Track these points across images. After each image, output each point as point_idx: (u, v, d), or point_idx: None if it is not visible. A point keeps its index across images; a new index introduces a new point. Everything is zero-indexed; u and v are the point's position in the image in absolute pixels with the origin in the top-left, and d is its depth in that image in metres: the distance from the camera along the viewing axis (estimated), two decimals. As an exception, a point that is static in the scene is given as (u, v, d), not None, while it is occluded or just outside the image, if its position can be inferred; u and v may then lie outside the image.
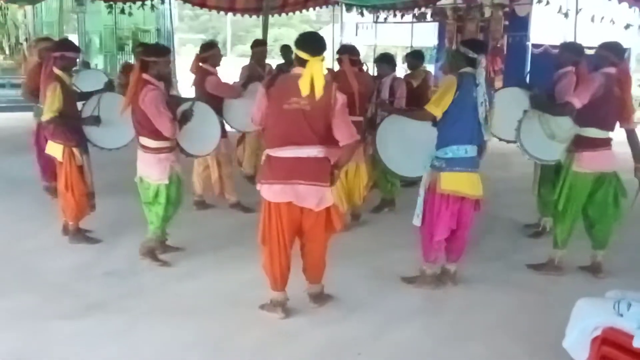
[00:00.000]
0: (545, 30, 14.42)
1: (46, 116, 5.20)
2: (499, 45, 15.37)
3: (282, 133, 3.87)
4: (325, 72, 3.95)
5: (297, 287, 4.20)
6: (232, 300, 4.39)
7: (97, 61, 18.07)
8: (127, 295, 4.47)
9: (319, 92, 3.72)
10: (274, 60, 9.33)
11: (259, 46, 8.30)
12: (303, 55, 3.82)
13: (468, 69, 4.42)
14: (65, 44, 5.63)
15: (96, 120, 5.32)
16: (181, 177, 5.04)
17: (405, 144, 5.16)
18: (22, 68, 15.39)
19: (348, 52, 6.08)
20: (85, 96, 5.60)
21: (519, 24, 14.75)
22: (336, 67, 6.34)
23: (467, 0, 14.83)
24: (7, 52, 17.10)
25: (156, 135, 4.75)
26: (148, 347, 3.74)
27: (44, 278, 4.72)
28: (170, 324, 4.01)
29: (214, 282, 4.72)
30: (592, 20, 12.04)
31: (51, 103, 5.15)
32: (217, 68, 6.49)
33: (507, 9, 14.70)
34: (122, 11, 12.69)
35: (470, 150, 4.41)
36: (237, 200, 6.75)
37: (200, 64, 6.42)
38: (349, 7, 14.70)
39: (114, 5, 12.46)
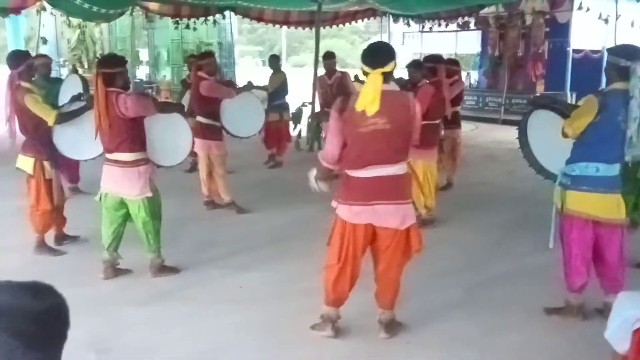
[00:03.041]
0: (586, 35, 14.07)
1: (51, 121, 4.82)
2: (540, 51, 15.10)
3: (360, 156, 3.44)
4: (392, 86, 3.49)
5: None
6: (284, 289, 4.47)
7: (165, 73, 18.54)
8: (190, 285, 4.61)
9: (372, 108, 3.31)
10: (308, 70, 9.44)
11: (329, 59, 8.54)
12: (365, 68, 3.43)
13: (618, 85, 3.66)
14: (18, 56, 5.08)
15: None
16: (158, 190, 4.72)
17: (552, 138, 4.04)
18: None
19: (444, 62, 6.32)
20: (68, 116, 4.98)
21: (560, 31, 14.48)
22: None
23: (509, 8, 14.61)
24: (86, 65, 17.73)
25: (132, 147, 4.46)
26: (208, 330, 3.87)
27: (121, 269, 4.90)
28: (227, 311, 4.13)
29: (268, 274, 4.82)
30: (632, 25, 11.72)
31: (42, 109, 4.82)
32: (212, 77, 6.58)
33: (547, 16, 14.45)
34: (187, 26, 13.00)
35: (604, 169, 3.73)
36: (232, 200, 6.67)
37: (198, 72, 6.49)
38: (395, 18, 14.67)
39: (179, 21, 12.79)
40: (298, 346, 3.68)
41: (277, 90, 9.07)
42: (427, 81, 5.98)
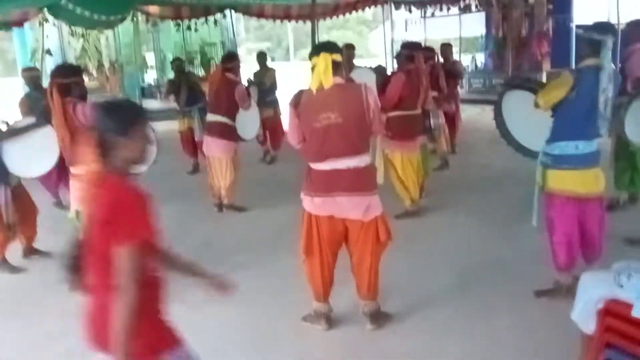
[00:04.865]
0: (589, 10, 13.85)
1: None
2: (544, 29, 14.89)
3: (317, 149, 3.49)
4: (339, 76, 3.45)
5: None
6: (278, 286, 4.51)
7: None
8: (187, 285, 4.64)
9: (327, 82, 3.35)
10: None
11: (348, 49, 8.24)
12: (312, 61, 3.47)
13: (591, 62, 3.65)
14: None
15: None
16: None
17: (529, 116, 4.08)
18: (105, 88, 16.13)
19: (420, 49, 6.05)
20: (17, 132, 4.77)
21: (562, 6, 14.33)
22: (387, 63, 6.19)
23: (511, -13, 14.43)
24: (94, 74, 17.81)
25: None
26: (201, 330, 3.88)
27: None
28: (220, 310, 4.11)
29: (264, 271, 4.87)
30: (634, -3, 11.51)
31: None
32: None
33: (550, -7, 14.25)
34: (189, 27, 13.03)
35: (584, 146, 3.73)
36: (232, 202, 6.68)
37: (226, 73, 6.35)
38: (397, 5, 14.55)
39: (181, 23, 12.82)
40: (286, 340, 3.73)
41: (270, 86, 9.12)
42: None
